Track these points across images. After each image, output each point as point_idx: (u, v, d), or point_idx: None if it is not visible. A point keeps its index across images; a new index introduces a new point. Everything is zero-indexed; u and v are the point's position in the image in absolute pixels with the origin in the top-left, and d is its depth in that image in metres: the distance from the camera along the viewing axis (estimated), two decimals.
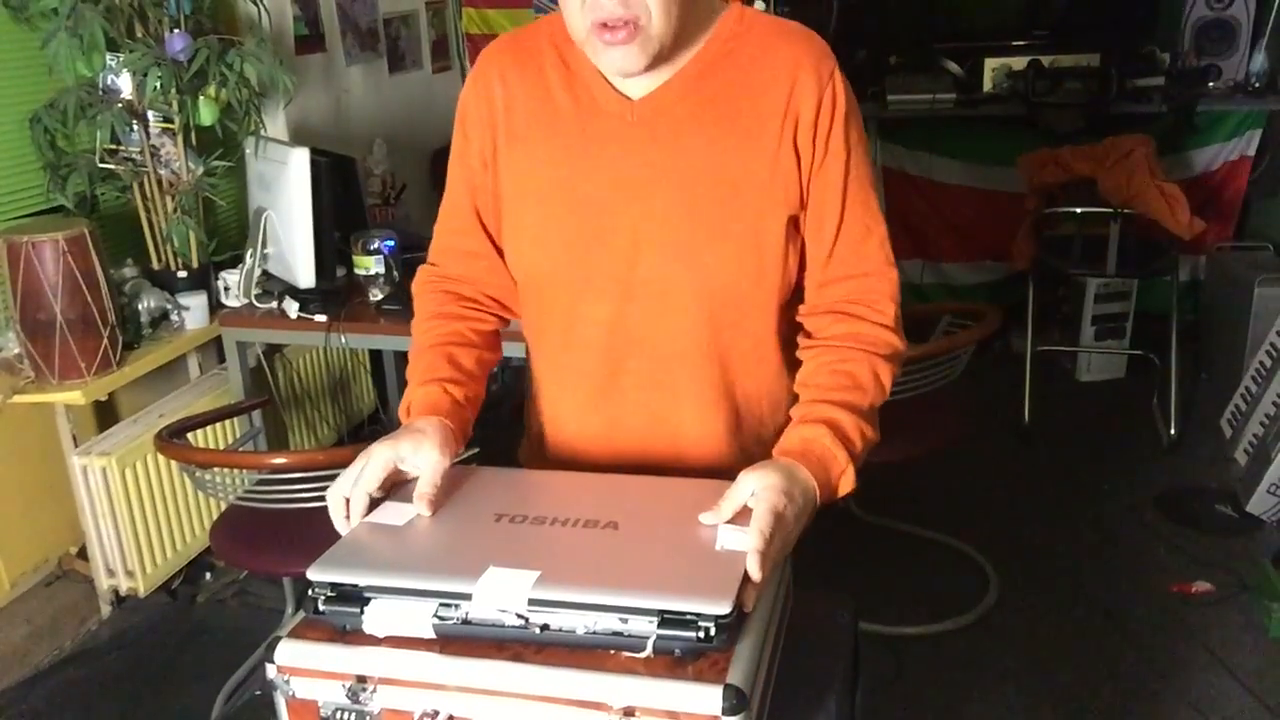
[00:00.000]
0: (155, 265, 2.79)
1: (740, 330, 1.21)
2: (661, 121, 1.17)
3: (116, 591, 2.71)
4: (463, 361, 1.27)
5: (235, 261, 2.84)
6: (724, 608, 0.88)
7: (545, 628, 0.91)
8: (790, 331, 1.25)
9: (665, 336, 1.21)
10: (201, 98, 2.68)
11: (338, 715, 0.94)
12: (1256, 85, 4.07)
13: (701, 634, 0.88)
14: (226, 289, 2.81)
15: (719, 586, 0.91)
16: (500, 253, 1.28)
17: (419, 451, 1.12)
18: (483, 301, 1.32)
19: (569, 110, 1.19)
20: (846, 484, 1.13)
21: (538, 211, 1.22)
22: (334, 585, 0.97)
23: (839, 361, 1.18)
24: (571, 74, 1.20)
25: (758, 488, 1.03)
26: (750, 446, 1.26)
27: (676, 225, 1.17)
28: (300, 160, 2.57)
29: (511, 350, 1.48)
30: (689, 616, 0.88)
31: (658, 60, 1.13)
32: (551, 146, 1.20)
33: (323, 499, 1.15)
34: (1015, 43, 4.33)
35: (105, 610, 2.73)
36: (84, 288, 2.38)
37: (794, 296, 1.24)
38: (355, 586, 0.96)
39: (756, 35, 1.18)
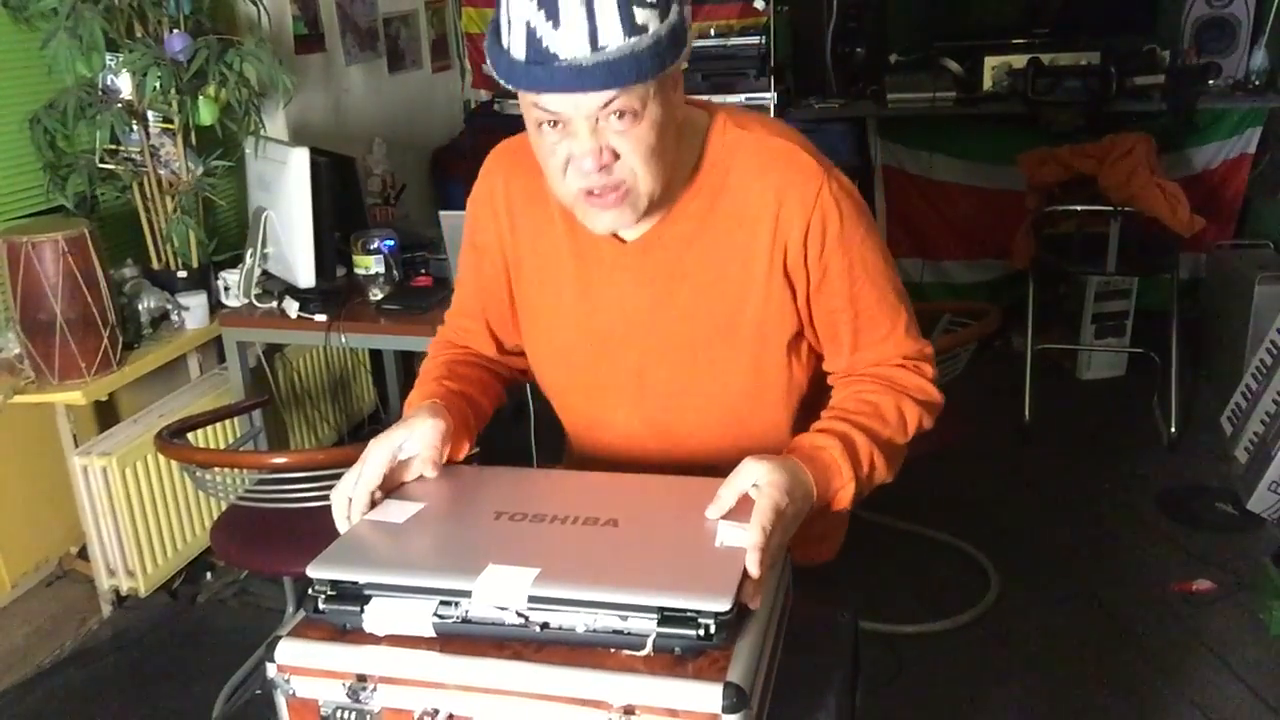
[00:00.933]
0: (155, 265, 2.79)
1: (757, 420, 1.25)
2: (655, 262, 1.19)
3: (117, 591, 2.71)
4: (464, 372, 1.31)
5: (235, 261, 2.84)
6: (724, 604, 0.88)
7: (545, 626, 0.91)
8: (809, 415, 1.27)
9: (683, 433, 1.26)
10: (201, 98, 2.67)
11: (338, 714, 0.94)
12: (1256, 83, 4.07)
13: (701, 632, 0.88)
14: (226, 289, 2.81)
15: (719, 583, 0.91)
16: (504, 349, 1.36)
17: (414, 432, 1.14)
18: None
19: (568, 245, 1.22)
20: (844, 499, 1.13)
21: (549, 334, 1.27)
22: (334, 583, 0.97)
23: (867, 392, 1.20)
24: (567, 211, 1.17)
25: (761, 481, 1.02)
26: None
27: (678, 355, 1.21)
28: (300, 160, 2.57)
29: None
30: (689, 614, 0.88)
31: (651, 210, 1.13)
32: (556, 276, 1.24)
33: (323, 498, 1.16)
34: (1015, 41, 4.33)
35: (106, 610, 2.73)
36: (84, 288, 2.38)
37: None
38: (355, 584, 0.96)
39: (741, 162, 1.16)
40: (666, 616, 0.89)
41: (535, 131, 1.07)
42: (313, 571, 0.97)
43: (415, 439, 1.14)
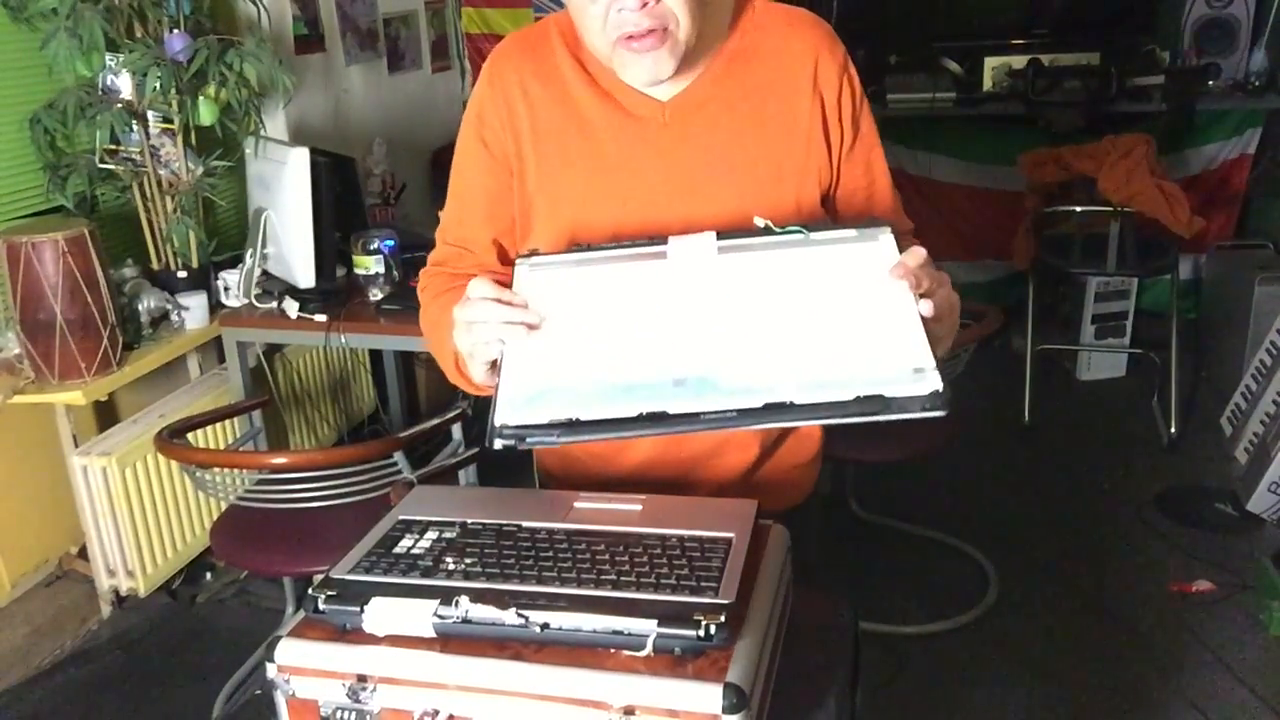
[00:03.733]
0: (155, 265, 2.79)
1: None
2: (696, 119, 1.18)
3: (117, 591, 2.71)
4: None
5: (235, 261, 2.84)
6: (935, 385, 0.92)
7: (545, 627, 0.91)
8: None
9: None
10: (201, 98, 2.68)
11: (338, 714, 0.94)
12: (1256, 84, 4.07)
13: (701, 632, 0.88)
14: (226, 289, 2.81)
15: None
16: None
17: (473, 288, 1.06)
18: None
19: (598, 118, 1.19)
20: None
21: (578, 220, 1.20)
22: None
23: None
24: (593, 80, 1.19)
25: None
26: None
27: (730, 214, 1.17)
28: (300, 160, 2.57)
29: None
30: (691, 607, 0.89)
31: (683, 64, 1.13)
32: (586, 155, 1.19)
33: (322, 499, 1.15)
34: (1015, 41, 4.33)
35: (105, 610, 2.73)
36: (84, 288, 2.38)
37: None
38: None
39: (772, 26, 1.21)
40: (666, 616, 0.89)
41: None
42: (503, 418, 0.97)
43: (479, 288, 1.06)
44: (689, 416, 0.93)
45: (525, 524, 1.06)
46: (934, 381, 0.92)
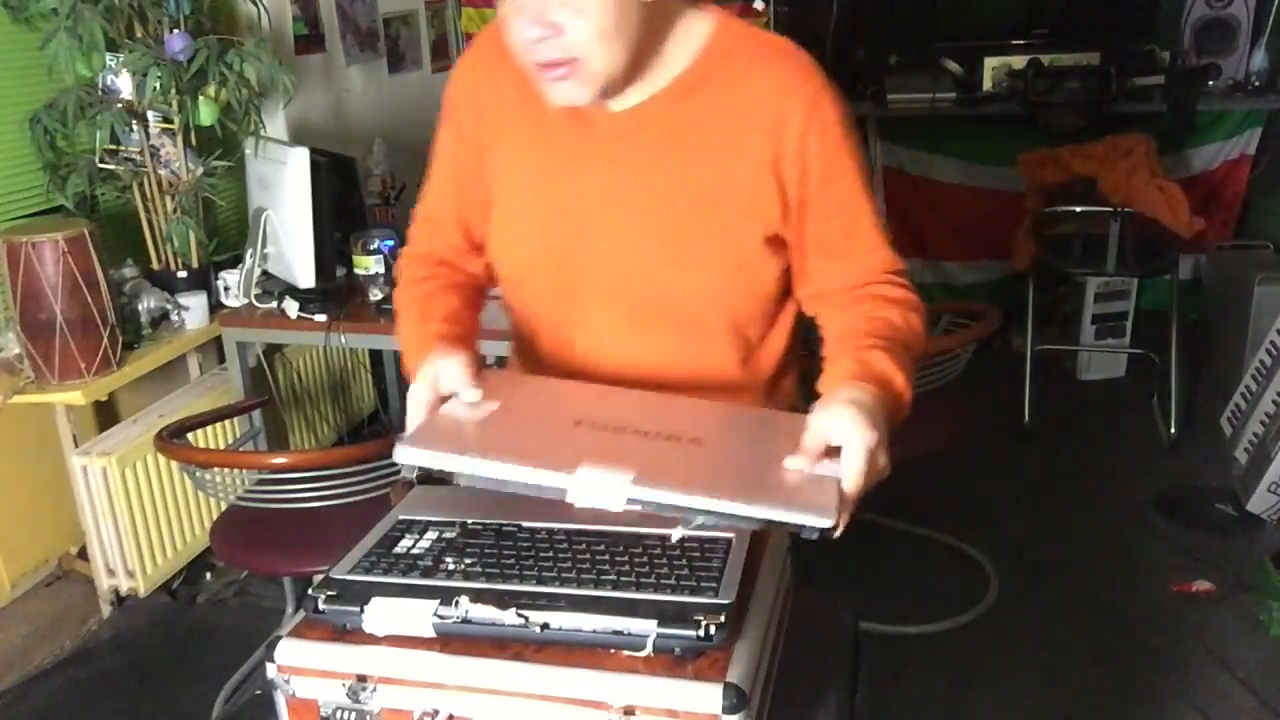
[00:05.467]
0: (155, 265, 2.79)
1: (728, 317, 1.22)
2: (645, 136, 1.17)
3: (117, 591, 2.70)
4: (449, 304, 1.27)
5: (235, 261, 2.84)
6: (827, 521, 0.90)
7: (545, 627, 0.91)
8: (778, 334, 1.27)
9: (640, 350, 1.23)
10: (201, 98, 2.68)
11: (338, 714, 0.94)
12: (1256, 84, 4.08)
13: (701, 632, 0.88)
14: (226, 289, 2.81)
15: (820, 501, 0.91)
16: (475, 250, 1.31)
17: (441, 370, 1.09)
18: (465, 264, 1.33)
19: (555, 117, 1.19)
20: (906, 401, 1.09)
21: (520, 212, 1.23)
22: (421, 469, 0.96)
23: (871, 311, 1.16)
24: None
25: (852, 439, 0.97)
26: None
27: (655, 236, 1.18)
28: (300, 160, 2.57)
29: (506, 349, 1.48)
30: (693, 606, 0.89)
31: (614, 88, 1.13)
32: (537, 149, 1.21)
33: (323, 499, 1.15)
34: (1015, 42, 4.33)
35: (105, 610, 2.73)
36: (84, 288, 2.38)
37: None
38: (439, 471, 0.96)
39: (742, 52, 1.17)
40: (666, 616, 0.89)
41: (499, 7, 1.10)
42: (400, 455, 0.96)
43: (446, 376, 1.09)
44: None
45: (525, 524, 1.06)
46: (828, 521, 0.91)
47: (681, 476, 0.94)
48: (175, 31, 2.59)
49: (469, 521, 1.08)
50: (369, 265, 2.69)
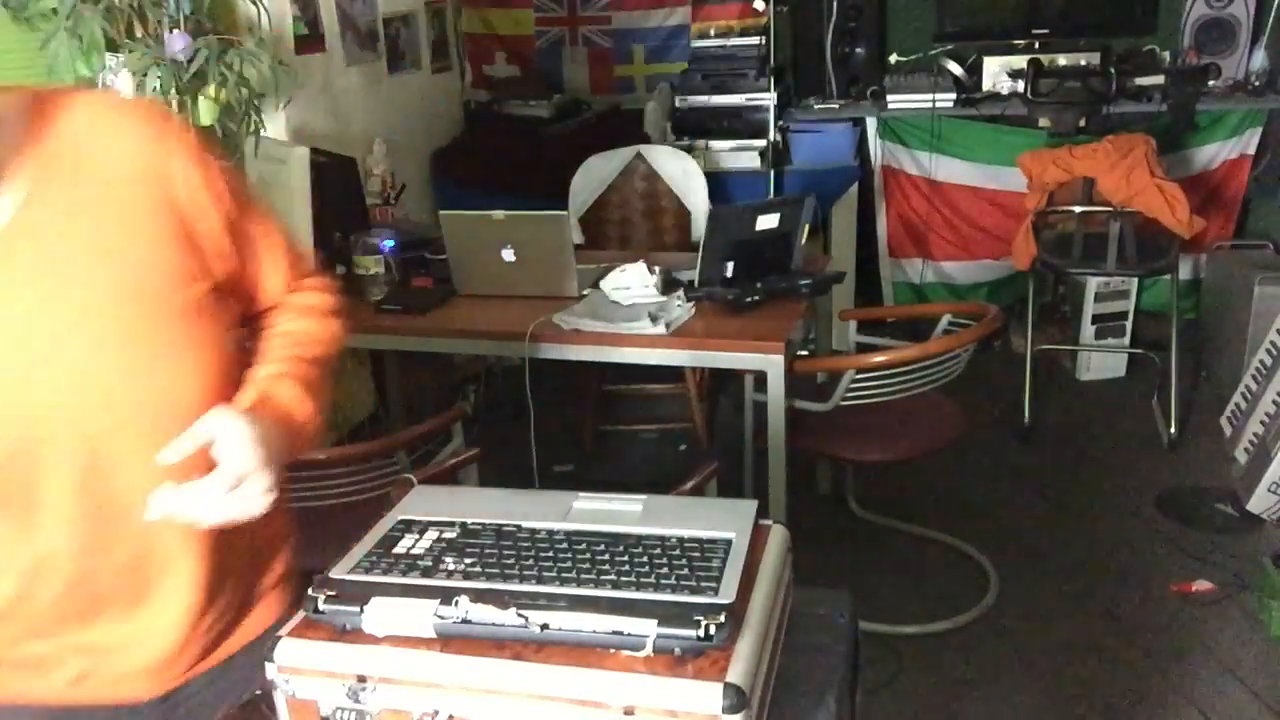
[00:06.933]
0: None
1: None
2: (24, 253, 1.02)
3: None
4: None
5: None
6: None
7: (545, 627, 0.91)
8: None
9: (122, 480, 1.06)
10: (201, 98, 2.67)
11: (338, 715, 0.94)
12: (1256, 84, 4.07)
13: (701, 632, 0.88)
14: None
15: None
16: None
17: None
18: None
19: None
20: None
21: None
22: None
23: (292, 325, 1.31)
24: None
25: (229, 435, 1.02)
26: None
27: (89, 351, 1.04)
28: (300, 160, 2.57)
29: (505, 349, 1.48)
30: (696, 604, 0.88)
31: None
32: None
33: (322, 499, 1.15)
34: (1015, 41, 4.34)
35: None
36: None
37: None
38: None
39: (87, 121, 1.07)
40: (666, 616, 0.89)
41: None
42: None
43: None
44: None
45: (525, 524, 1.06)
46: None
47: None
48: (175, 31, 2.59)
49: (469, 521, 1.08)
50: (369, 265, 2.69)
